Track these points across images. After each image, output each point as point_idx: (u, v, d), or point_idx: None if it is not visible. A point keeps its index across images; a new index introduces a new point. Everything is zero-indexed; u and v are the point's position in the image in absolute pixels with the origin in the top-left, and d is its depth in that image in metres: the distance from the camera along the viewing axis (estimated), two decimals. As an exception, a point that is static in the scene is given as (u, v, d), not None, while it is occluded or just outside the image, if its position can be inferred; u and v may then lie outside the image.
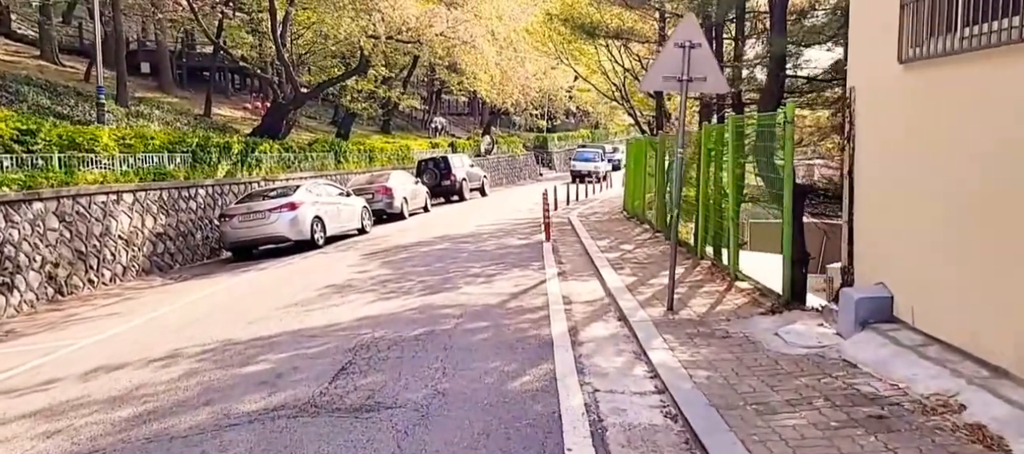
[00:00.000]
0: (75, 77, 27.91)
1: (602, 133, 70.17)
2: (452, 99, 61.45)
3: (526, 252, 14.07)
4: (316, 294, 10.57)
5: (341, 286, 11.17)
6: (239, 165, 19.93)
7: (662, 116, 18.40)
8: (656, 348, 6.44)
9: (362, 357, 6.88)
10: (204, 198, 17.50)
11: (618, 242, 14.50)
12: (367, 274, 12.26)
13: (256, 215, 16.00)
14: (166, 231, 15.68)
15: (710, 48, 7.71)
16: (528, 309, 8.78)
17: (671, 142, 15.34)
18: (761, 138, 8.87)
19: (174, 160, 17.05)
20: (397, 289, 10.61)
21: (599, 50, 21.86)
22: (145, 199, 15.16)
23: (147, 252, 14.93)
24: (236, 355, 7.34)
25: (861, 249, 6.72)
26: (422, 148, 36.24)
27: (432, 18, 22.23)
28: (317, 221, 16.83)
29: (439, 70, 35.24)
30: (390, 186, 22.69)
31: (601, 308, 8.72)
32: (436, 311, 8.84)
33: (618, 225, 17.92)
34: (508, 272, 11.72)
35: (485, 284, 10.64)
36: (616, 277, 10.31)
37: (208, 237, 17.24)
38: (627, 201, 20.99)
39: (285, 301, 10.24)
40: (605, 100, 48.01)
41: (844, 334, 6.31)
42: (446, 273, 11.87)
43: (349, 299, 10.02)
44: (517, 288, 10.20)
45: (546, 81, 44.95)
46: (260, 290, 11.65)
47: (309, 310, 9.40)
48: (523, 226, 19.17)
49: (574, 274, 11.32)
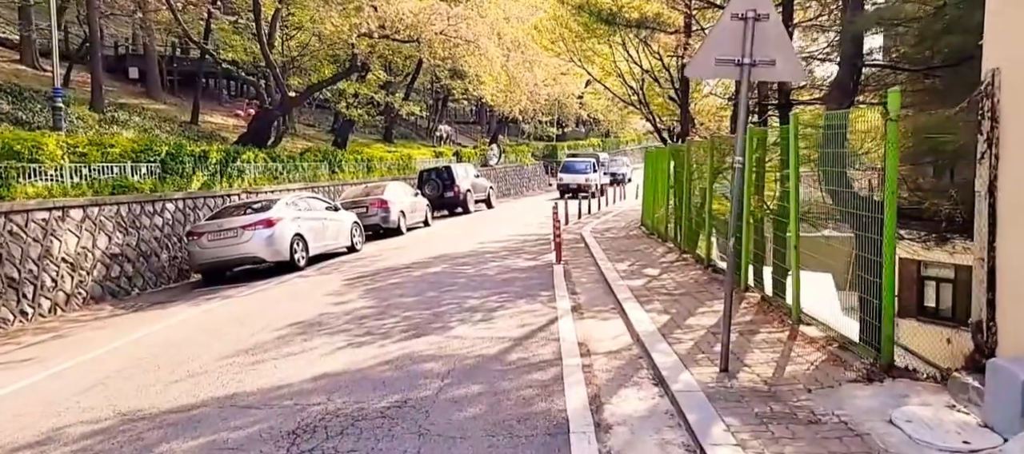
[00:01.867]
0: (53, 82, 26.26)
1: (613, 142, 68.12)
2: (458, 107, 59.64)
3: (534, 277, 12.09)
4: (274, 336, 8.61)
5: (309, 324, 9.21)
6: (218, 176, 18.05)
7: (687, 121, 16.39)
8: (718, 446, 4.44)
9: (302, 449, 4.92)
10: (173, 213, 15.60)
11: (640, 265, 12.51)
12: (344, 307, 10.30)
13: (227, 233, 14.08)
14: (123, 252, 13.77)
15: (780, 22, 5.70)
16: (535, 364, 6.80)
17: (703, 149, 13.35)
18: (830, 142, 6.90)
19: (139, 171, 15.19)
20: (374, 329, 8.64)
21: (615, 49, 19.89)
22: (98, 215, 13.27)
23: (98, 276, 13.02)
24: (129, 444, 5.37)
25: (1010, 298, 4.70)
26: (425, 157, 34.32)
27: (431, 15, 20.32)
28: (298, 239, 14.90)
29: (440, 73, 33.25)
30: (386, 199, 20.74)
31: (629, 363, 6.72)
32: (416, 366, 6.87)
33: (637, 243, 15.92)
34: (512, 305, 9.74)
35: (483, 323, 8.66)
36: (644, 315, 8.32)
37: (176, 257, 15.34)
38: (646, 215, 18.99)
39: (234, 346, 8.29)
40: (617, 107, 46.06)
41: (998, 426, 4.30)
42: (438, 305, 9.91)
43: (312, 345, 8.05)
44: (522, 329, 8.21)
45: (556, 87, 42.97)
46: (212, 328, 9.71)
47: (258, 362, 7.44)
48: (531, 244, 17.19)
49: (591, 308, 9.33)
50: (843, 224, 7.51)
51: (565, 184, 34.59)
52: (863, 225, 6.23)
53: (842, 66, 7.27)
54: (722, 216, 13.18)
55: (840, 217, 7.49)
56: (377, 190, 21.40)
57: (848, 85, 7.24)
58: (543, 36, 22.70)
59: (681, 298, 9.34)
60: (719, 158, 11.64)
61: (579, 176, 34.75)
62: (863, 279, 6.21)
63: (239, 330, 9.21)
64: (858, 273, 6.59)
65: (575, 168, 36.38)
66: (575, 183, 33.87)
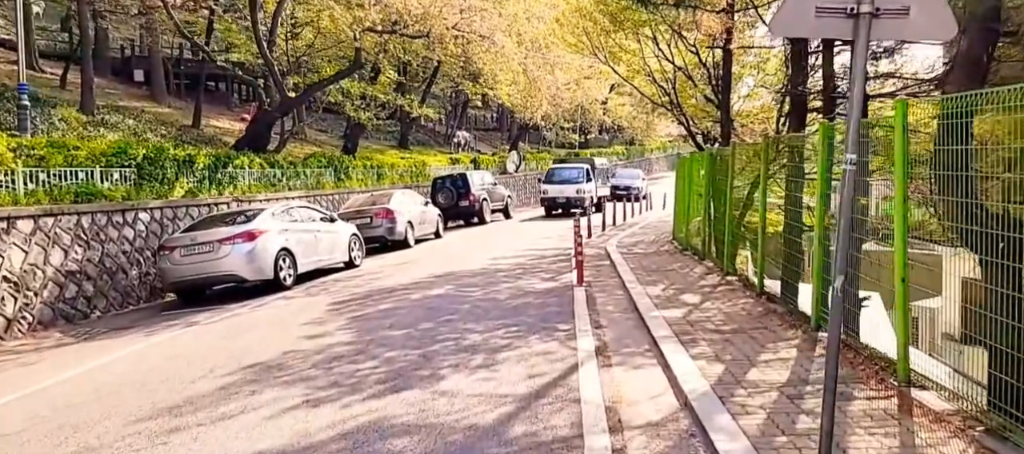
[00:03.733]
0: (50, 83, 24.97)
1: (638, 150, 65.99)
2: (479, 114, 58.01)
3: (551, 303, 10.19)
4: (216, 386, 6.78)
5: (266, 367, 7.38)
6: (207, 183, 16.37)
7: (728, 122, 14.40)
8: None
9: None
10: (148, 224, 13.90)
11: (676, 289, 10.56)
12: (317, 341, 8.46)
13: (202, 247, 12.34)
14: (83, 269, 12.07)
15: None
16: (546, 443, 4.90)
17: (748, 152, 11.38)
18: (950, 138, 4.98)
19: (111, 177, 13.53)
20: (343, 378, 6.78)
21: (644, 44, 17.95)
22: (53, 227, 11.59)
23: (49, 298, 11.32)
24: None
25: None
26: (441, 164, 32.55)
27: (442, 7, 18.49)
28: (285, 255, 13.12)
29: (452, 69, 31.34)
30: (392, 208, 18.92)
31: (679, 445, 4.80)
32: (383, 445, 5.00)
33: (670, 260, 13.95)
34: (521, 342, 7.84)
35: (483, 371, 6.77)
36: (689, 363, 6.39)
37: (149, 274, 13.63)
38: (678, 228, 17.00)
39: (161, 400, 6.48)
40: (643, 113, 44.00)
41: None
42: (431, 342, 8.04)
43: (257, 402, 6.21)
44: (531, 382, 6.31)
45: (578, 92, 41.11)
46: (148, 370, 7.91)
47: (174, 431, 5.60)
48: (549, 260, 15.29)
49: (620, 350, 7.41)
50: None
51: (550, 199, 28.03)
52: (998, 248, 4.34)
53: (967, 35, 5.30)
54: (752, 227, 11.27)
55: (955, 234, 5.57)
56: (383, 199, 19.60)
57: (979, 58, 5.26)
58: (565, 30, 20.84)
59: (733, 337, 7.38)
60: (775, 164, 9.68)
61: (568, 188, 27.68)
62: (994, 323, 4.31)
63: (178, 375, 7.39)
64: (984, 312, 4.67)
65: (562, 178, 28.63)
66: (563, 196, 27.50)
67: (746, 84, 20.16)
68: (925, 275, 6.38)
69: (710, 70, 16.22)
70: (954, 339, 7.18)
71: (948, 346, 10.96)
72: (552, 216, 27.41)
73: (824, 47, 9.26)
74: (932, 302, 8.48)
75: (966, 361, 5.47)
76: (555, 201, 27.81)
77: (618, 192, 31.32)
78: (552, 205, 28.00)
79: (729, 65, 14.80)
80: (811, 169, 8.92)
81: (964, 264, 6.06)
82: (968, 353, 5.51)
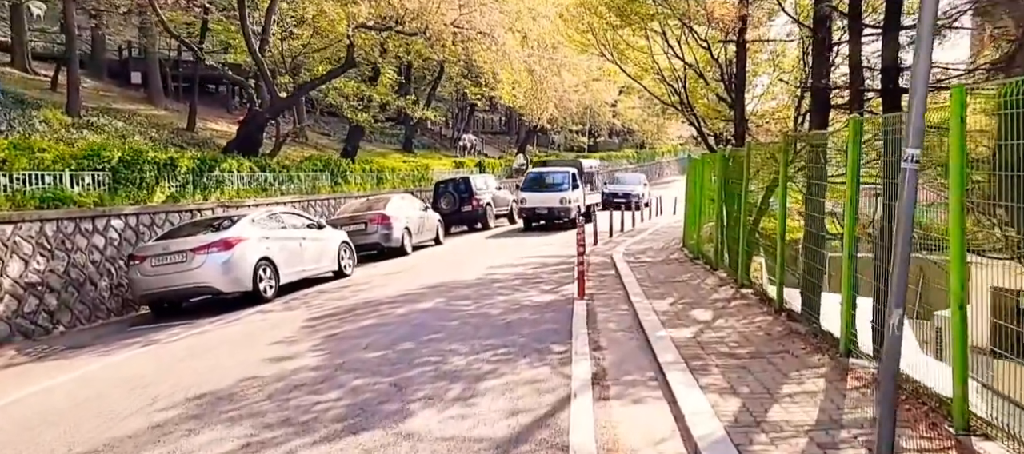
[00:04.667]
0: (41, 85, 24.30)
1: (648, 153, 64.85)
2: (486, 117, 57.10)
3: (547, 319, 9.24)
4: (146, 426, 5.84)
5: (215, 399, 6.45)
6: (190, 187, 15.52)
7: (743, 121, 13.40)
8: None
9: None
10: (121, 232, 13.04)
11: (685, 303, 9.58)
12: (281, 366, 7.53)
13: (175, 257, 11.46)
14: (45, 280, 11.20)
15: None
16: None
17: (764, 153, 10.40)
18: (1012, 130, 4.03)
19: (82, 181, 12.70)
20: (298, 414, 5.84)
21: (653, 40, 16.97)
22: (12, 235, 10.74)
23: (6, 312, 10.44)
24: None
25: None
26: (445, 168, 31.64)
27: (440, 2, 17.56)
28: (265, 264, 12.23)
29: (451, 69, 30.41)
30: (388, 214, 17.98)
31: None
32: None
33: (680, 270, 12.96)
34: (508, 369, 6.89)
35: (459, 406, 5.82)
36: (701, 399, 5.43)
37: (120, 285, 12.77)
38: (689, 235, 15.99)
39: (75, 446, 5.57)
40: (653, 115, 42.92)
41: None
42: (407, 368, 7.10)
43: (187, 448, 5.27)
44: (513, 422, 5.36)
45: (587, 94, 40.15)
46: (86, 400, 7.01)
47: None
48: (551, 268, 14.34)
49: (621, 378, 6.44)
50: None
51: (530, 209, 24.00)
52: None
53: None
54: (768, 233, 10.32)
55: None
56: (379, 204, 18.68)
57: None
58: (570, 27, 19.90)
59: (750, 364, 6.40)
60: (792, 165, 8.69)
61: (550, 196, 23.67)
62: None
63: (112, 408, 6.46)
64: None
65: (544, 182, 24.45)
66: (545, 206, 23.60)
67: (760, 83, 19.14)
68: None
69: (723, 67, 15.22)
70: (983, 351, 6.25)
71: (979, 361, 9.91)
72: (536, 228, 24.14)
73: (851, 35, 8.27)
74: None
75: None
76: (535, 212, 23.95)
77: (615, 200, 28.04)
78: (532, 217, 24.17)
79: (743, 59, 13.81)
80: (835, 171, 8.00)
81: (988, 273, 5.22)
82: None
